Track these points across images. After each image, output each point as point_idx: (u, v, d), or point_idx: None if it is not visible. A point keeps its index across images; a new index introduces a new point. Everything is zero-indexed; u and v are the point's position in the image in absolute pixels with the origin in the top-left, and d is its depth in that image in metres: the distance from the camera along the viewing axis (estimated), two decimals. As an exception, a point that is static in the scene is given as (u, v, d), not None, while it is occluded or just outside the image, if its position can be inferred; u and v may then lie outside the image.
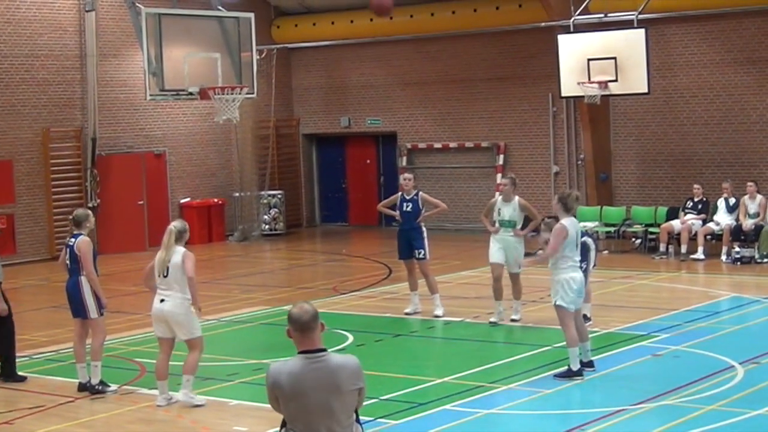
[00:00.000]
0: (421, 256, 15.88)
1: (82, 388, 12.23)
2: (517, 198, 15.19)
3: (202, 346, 11.69)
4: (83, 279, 12.15)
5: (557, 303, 12.06)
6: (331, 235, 28.58)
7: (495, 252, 15.13)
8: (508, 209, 15.04)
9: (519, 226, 15.12)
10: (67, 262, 12.31)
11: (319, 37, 28.53)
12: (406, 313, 16.15)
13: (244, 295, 18.97)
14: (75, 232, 12.29)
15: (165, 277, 11.42)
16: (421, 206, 15.95)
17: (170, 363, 11.63)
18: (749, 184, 21.39)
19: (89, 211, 12.74)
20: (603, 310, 15.62)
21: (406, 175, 16.43)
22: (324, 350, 5.92)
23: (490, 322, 15.05)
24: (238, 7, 23.60)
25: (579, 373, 11.98)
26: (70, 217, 12.52)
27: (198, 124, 27.39)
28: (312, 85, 29.74)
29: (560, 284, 12.02)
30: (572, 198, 12.28)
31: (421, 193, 16.12)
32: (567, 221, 12.10)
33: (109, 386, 12.22)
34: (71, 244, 12.25)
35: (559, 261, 12.03)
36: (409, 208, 15.98)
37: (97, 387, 12.14)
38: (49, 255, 24.32)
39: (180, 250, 11.45)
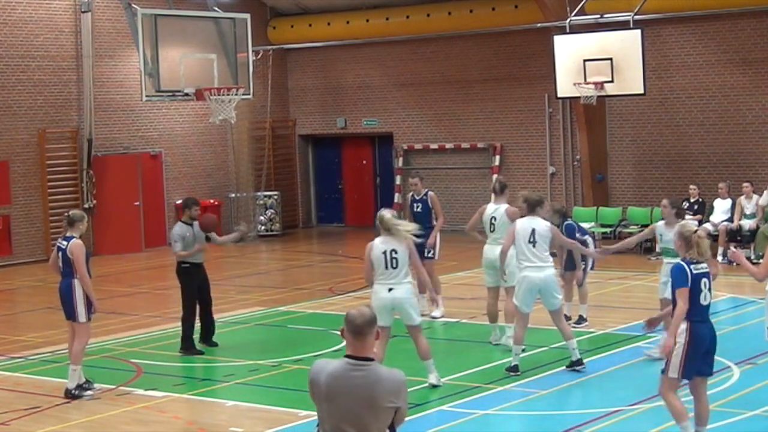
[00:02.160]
0: (429, 255, 15.86)
1: (78, 388, 12.21)
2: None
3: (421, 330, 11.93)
4: (76, 282, 12.04)
5: (513, 299, 12.52)
6: (327, 236, 28.58)
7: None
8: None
9: None
10: (60, 264, 12.17)
11: (315, 37, 28.53)
12: None
13: (240, 296, 18.96)
14: (67, 234, 12.18)
15: (394, 268, 11.46)
16: (430, 205, 15.98)
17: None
18: (745, 184, 21.39)
19: (85, 214, 12.67)
20: (599, 310, 15.63)
21: (411, 180, 16.48)
22: (371, 360, 5.76)
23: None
24: (233, 8, 23.60)
25: (515, 369, 12.20)
26: (66, 214, 12.44)
27: (194, 125, 27.38)
28: (308, 86, 29.74)
29: (517, 282, 12.50)
30: (534, 197, 12.62)
31: (430, 193, 16.14)
32: (523, 218, 12.49)
33: (88, 390, 12.08)
34: (63, 246, 12.12)
35: (518, 258, 12.47)
36: (419, 209, 16.08)
37: (73, 392, 12.01)
38: (45, 256, 24.25)
39: (403, 241, 11.52)
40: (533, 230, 12.27)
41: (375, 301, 11.52)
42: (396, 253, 11.42)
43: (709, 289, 9.10)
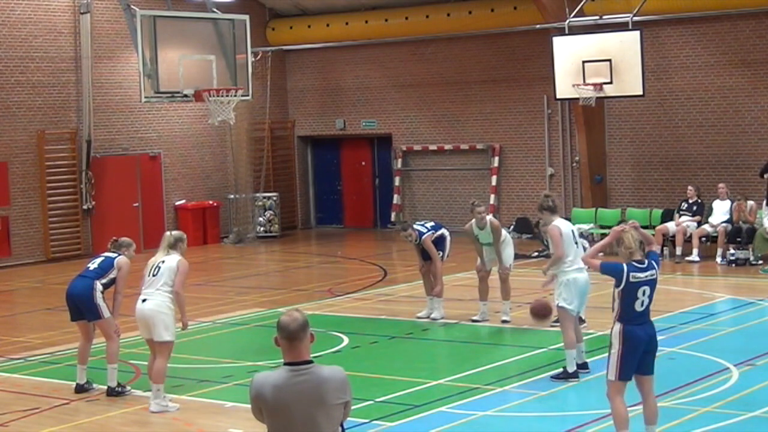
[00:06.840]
0: (438, 256, 15.87)
1: (80, 389, 12.22)
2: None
3: (169, 352, 11.61)
4: (98, 284, 12.18)
5: (558, 303, 12.18)
6: (326, 237, 28.56)
7: None
8: None
9: None
10: (91, 265, 12.39)
11: (314, 39, 28.53)
12: (418, 317, 16.07)
13: (238, 297, 18.96)
14: (117, 251, 12.41)
15: (154, 276, 11.51)
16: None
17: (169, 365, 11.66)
18: (738, 198, 21.32)
19: (133, 242, 12.84)
20: (598, 312, 15.60)
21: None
22: (310, 362, 5.77)
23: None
24: (232, 9, 23.59)
25: (575, 375, 12.01)
26: (114, 239, 12.61)
27: (193, 126, 27.38)
28: (307, 87, 29.74)
29: (562, 285, 12.10)
30: (544, 198, 12.50)
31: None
32: (556, 221, 12.28)
33: (125, 388, 12.23)
34: (112, 256, 12.36)
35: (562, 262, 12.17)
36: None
37: (116, 389, 12.10)
38: (44, 257, 24.30)
39: (176, 257, 11.60)
40: (572, 231, 12.34)
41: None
42: (163, 263, 11.56)
43: (649, 296, 9.09)
